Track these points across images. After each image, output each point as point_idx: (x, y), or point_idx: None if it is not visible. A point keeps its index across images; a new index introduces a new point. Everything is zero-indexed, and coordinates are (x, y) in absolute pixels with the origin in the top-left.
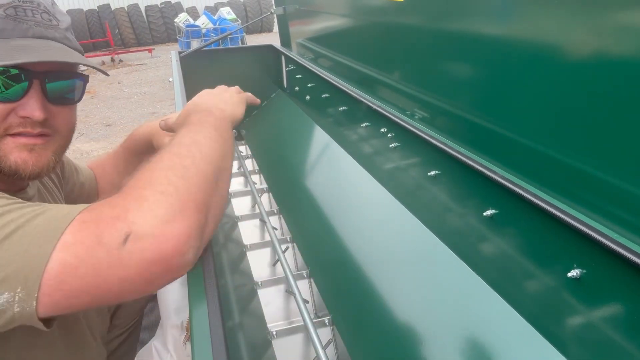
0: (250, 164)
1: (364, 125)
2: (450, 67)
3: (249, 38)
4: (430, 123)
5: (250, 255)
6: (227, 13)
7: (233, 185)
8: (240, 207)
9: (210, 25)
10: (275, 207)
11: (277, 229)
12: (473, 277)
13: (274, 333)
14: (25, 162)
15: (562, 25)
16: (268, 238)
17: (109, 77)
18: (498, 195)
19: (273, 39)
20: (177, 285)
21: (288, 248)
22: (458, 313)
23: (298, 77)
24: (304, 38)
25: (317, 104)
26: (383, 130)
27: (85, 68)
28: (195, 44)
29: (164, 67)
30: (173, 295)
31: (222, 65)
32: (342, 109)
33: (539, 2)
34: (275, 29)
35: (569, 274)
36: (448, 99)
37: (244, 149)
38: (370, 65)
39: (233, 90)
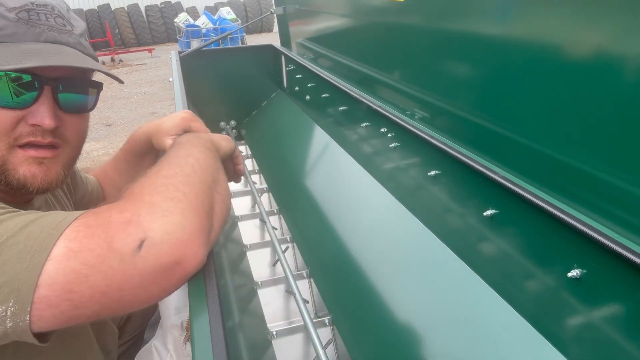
0: (250, 164)
1: (364, 125)
2: (450, 67)
3: (249, 38)
4: (430, 123)
5: (250, 255)
6: (227, 13)
7: (233, 186)
8: (240, 207)
9: (210, 25)
10: (275, 207)
11: (277, 229)
12: (473, 277)
13: (274, 333)
14: (34, 176)
15: (561, 26)
16: (268, 238)
17: (109, 77)
18: (498, 195)
19: (273, 39)
20: None
21: (288, 248)
22: (458, 313)
23: (298, 77)
24: (304, 38)
25: (317, 104)
26: (383, 130)
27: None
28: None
29: (164, 67)
30: (173, 296)
31: (222, 65)
32: (342, 109)
33: (539, 2)
34: (275, 29)
35: (569, 274)
36: (448, 99)
37: (244, 149)
38: (370, 65)
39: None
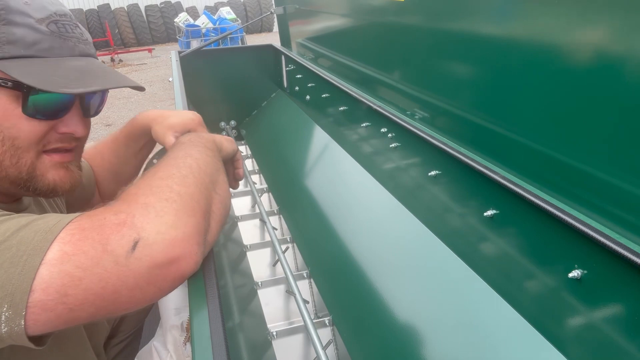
0: (250, 164)
1: (364, 125)
2: (451, 67)
3: (249, 38)
4: (430, 123)
5: (250, 256)
6: (227, 13)
7: None
8: (240, 207)
9: (210, 25)
10: (275, 207)
11: (277, 229)
12: (473, 277)
13: (274, 333)
14: (63, 180)
15: (562, 26)
16: (268, 238)
17: (135, 89)
18: (498, 196)
19: (273, 39)
20: None
21: (288, 248)
22: (458, 313)
23: (298, 77)
24: (304, 38)
25: (317, 104)
26: (383, 130)
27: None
28: (195, 44)
29: (164, 67)
30: (173, 296)
31: (222, 65)
32: (342, 109)
33: (539, 2)
34: (275, 29)
35: (570, 275)
36: (448, 99)
37: (244, 149)
38: (370, 65)
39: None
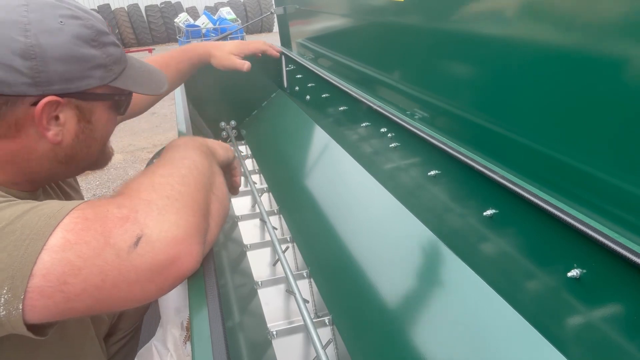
0: (250, 164)
1: (364, 125)
2: (450, 67)
3: (249, 38)
4: (430, 123)
5: (250, 255)
6: (227, 13)
7: None
8: (240, 207)
9: (210, 25)
10: (275, 207)
11: (277, 229)
12: (473, 277)
13: (274, 333)
14: (111, 149)
15: (561, 25)
16: (268, 238)
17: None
18: (498, 195)
19: (273, 39)
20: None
21: (288, 248)
22: (458, 313)
23: (298, 77)
24: (304, 38)
25: (317, 104)
26: (383, 130)
27: None
28: None
29: None
30: (173, 295)
31: None
32: (342, 109)
33: (539, 1)
34: (275, 29)
35: (569, 274)
36: (448, 99)
37: (244, 149)
38: (370, 65)
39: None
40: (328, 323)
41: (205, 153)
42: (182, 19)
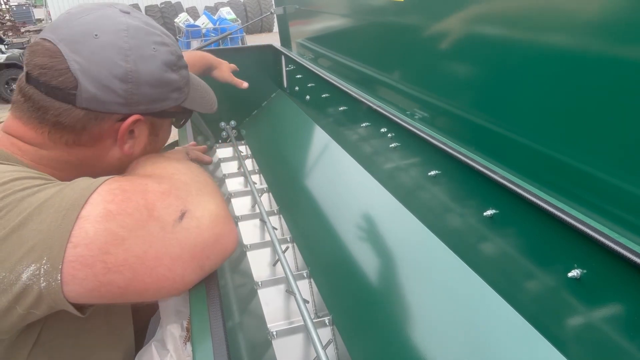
0: (250, 164)
1: (364, 125)
2: (450, 67)
3: (249, 38)
4: (430, 123)
5: (250, 255)
6: (227, 13)
7: (233, 185)
8: (240, 207)
9: (210, 25)
10: (275, 207)
11: (277, 229)
12: (473, 277)
13: (274, 333)
14: None
15: (562, 25)
16: (268, 238)
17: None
18: (498, 195)
19: (273, 39)
20: None
21: (288, 248)
22: (458, 313)
23: (298, 77)
24: (304, 38)
25: (317, 104)
26: (383, 130)
27: None
28: (195, 44)
29: None
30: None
31: None
32: (342, 109)
33: (539, 1)
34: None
35: (570, 274)
36: (448, 99)
37: (244, 149)
38: (370, 65)
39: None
40: (328, 323)
41: (181, 159)
42: (182, 19)
